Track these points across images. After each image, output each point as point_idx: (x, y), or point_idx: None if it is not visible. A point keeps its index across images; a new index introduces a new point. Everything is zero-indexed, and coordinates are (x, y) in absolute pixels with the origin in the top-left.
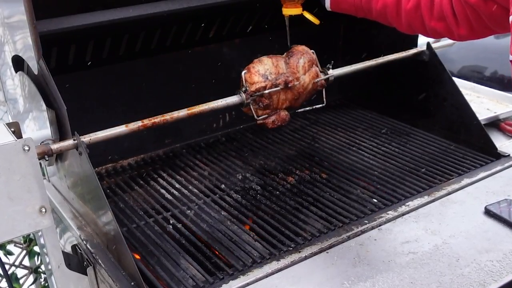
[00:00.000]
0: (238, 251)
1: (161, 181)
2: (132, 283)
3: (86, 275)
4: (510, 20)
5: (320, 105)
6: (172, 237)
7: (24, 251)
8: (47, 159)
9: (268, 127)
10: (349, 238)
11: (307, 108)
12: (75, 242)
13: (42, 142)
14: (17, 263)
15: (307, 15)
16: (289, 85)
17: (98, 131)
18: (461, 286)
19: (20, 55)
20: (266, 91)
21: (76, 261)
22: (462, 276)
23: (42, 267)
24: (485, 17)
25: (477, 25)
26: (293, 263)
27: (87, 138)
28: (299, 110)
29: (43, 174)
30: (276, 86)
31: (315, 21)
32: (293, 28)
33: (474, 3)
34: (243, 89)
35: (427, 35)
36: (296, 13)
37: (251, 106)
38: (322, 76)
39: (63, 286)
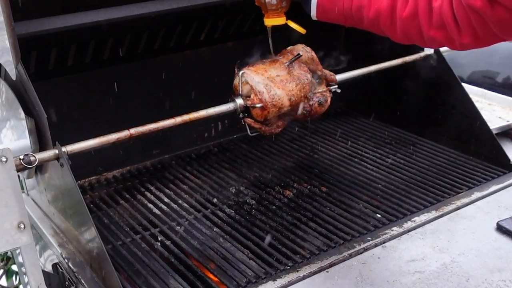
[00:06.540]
0: (232, 270)
1: (148, 194)
2: None
3: None
4: None
5: None
6: (160, 255)
7: (1, 270)
8: (25, 171)
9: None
10: (350, 256)
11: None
12: (56, 261)
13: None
14: None
15: (292, 25)
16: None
17: (81, 141)
18: None
19: None
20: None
21: (57, 280)
22: None
23: (21, 287)
24: (492, 23)
25: (482, 33)
26: (291, 283)
27: (69, 148)
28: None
29: (22, 188)
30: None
31: (301, 30)
32: (291, 31)
33: (479, 7)
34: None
35: (424, 44)
36: (280, 23)
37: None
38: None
39: None
